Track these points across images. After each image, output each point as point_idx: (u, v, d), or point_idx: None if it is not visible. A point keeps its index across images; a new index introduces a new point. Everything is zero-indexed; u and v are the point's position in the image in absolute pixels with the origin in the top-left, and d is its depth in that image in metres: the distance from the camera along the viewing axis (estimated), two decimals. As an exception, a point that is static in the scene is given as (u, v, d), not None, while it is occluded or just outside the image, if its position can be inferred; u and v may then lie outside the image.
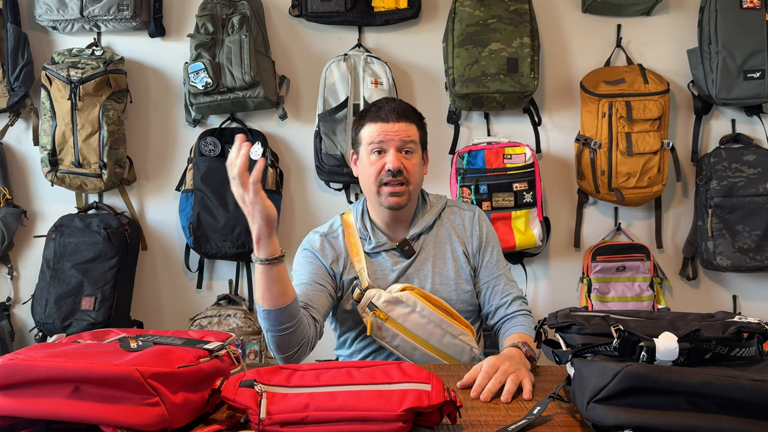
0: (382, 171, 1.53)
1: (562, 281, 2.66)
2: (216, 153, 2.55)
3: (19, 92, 2.55)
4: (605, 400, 0.89)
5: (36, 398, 0.88)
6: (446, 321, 1.48)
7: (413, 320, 1.47)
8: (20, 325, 2.72)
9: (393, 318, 1.47)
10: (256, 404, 0.93)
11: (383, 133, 1.53)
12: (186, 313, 2.66)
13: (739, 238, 2.44)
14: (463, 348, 1.49)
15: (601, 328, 1.01)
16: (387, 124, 1.53)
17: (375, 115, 1.55)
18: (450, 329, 1.48)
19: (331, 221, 1.67)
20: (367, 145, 1.55)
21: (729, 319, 1.03)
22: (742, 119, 2.61)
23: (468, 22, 2.42)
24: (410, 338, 1.47)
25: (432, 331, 1.47)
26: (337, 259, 1.59)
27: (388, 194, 1.53)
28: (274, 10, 2.66)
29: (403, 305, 1.47)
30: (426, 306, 1.47)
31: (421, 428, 0.98)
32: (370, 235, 1.60)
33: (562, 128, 2.64)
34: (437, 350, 1.48)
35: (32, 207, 2.73)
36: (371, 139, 1.54)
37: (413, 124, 1.57)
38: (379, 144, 1.53)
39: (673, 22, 2.62)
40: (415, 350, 1.48)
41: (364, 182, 1.59)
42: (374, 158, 1.54)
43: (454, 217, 1.66)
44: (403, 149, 1.54)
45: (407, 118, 1.55)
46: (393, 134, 1.53)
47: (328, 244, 1.61)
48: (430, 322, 1.47)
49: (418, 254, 1.60)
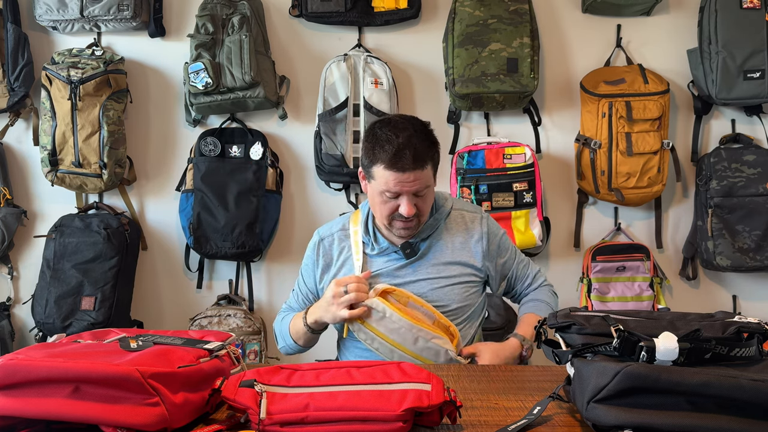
0: (395, 211, 1.54)
1: (562, 281, 2.66)
2: (216, 153, 2.55)
3: (19, 92, 2.55)
4: (605, 400, 0.89)
5: (36, 398, 0.88)
6: (416, 326, 1.49)
7: (385, 325, 1.50)
8: (20, 325, 2.72)
9: (368, 322, 1.51)
10: (256, 404, 0.93)
11: (399, 184, 1.49)
12: (186, 313, 2.66)
13: (739, 238, 2.44)
14: (438, 351, 1.50)
15: (601, 328, 1.01)
16: (404, 174, 1.48)
17: (392, 162, 1.48)
18: (421, 334, 1.49)
19: (339, 221, 1.72)
20: (382, 186, 1.52)
21: (729, 319, 1.03)
22: (742, 119, 2.61)
23: (468, 22, 2.42)
24: (386, 341, 1.50)
25: (405, 336, 1.49)
26: (327, 268, 1.67)
27: (401, 229, 1.57)
28: (274, 10, 2.66)
29: (374, 311, 1.50)
30: (394, 312, 1.48)
31: (421, 428, 0.98)
32: (371, 240, 1.64)
33: (562, 128, 2.64)
34: (412, 353, 1.50)
35: (32, 207, 2.73)
36: (386, 186, 1.51)
37: (429, 166, 1.53)
38: (394, 193, 1.51)
39: (673, 22, 2.62)
40: (392, 352, 1.51)
41: (375, 211, 1.61)
42: (384, 200, 1.54)
43: (460, 220, 1.68)
44: (418, 194, 1.53)
45: (424, 163, 1.50)
46: (409, 185, 1.50)
47: (322, 252, 1.69)
48: (401, 327, 1.49)
49: (419, 256, 1.63)
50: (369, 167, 1.55)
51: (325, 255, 1.67)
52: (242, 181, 2.52)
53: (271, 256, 2.70)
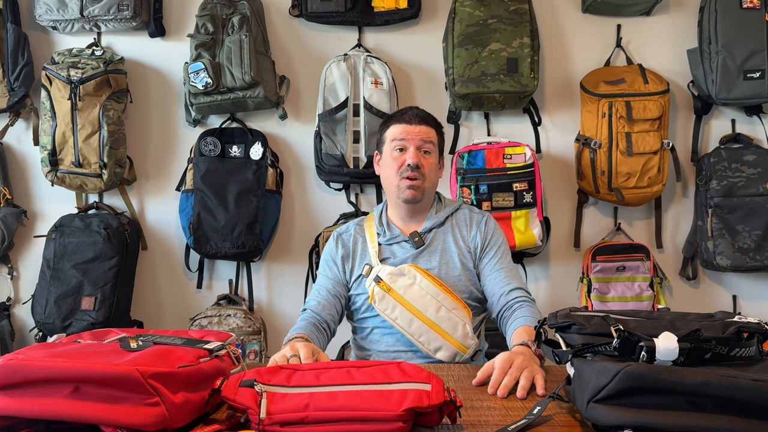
0: (403, 165, 1.71)
1: (562, 281, 2.66)
2: (216, 153, 2.55)
3: (19, 92, 2.55)
4: (605, 400, 0.89)
5: (36, 398, 0.88)
6: (442, 294, 1.63)
7: (413, 292, 1.63)
8: (20, 325, 2.72)
9: (395, 289, 1.63)
10: (256, 404, 0.93)
11: (405, 132, 1.73)
12: (186, 313, 2.66)
13: (739, 238, 2.44)
14: (456, 322, 1.62)
15: (601, 328, 1.01)
16: (410, 125, 1.74)
17: (400, 117, 1.77)
18: (445, 302, 1.62)
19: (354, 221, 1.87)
20: (390, 142, 1.75)
21: (729, 319, 1.03)
22: (742, 119, 2.61)
23: (468, 22, 2.42)
24: (408, 309, 1.62)
25: (428, 304, 1.62)
26: (347, 257, 1.78)
27: (407, 187, 1.71)
28: (274, 10, 2.66)
29: (405, 277, 1.64)
30: (425, 278, 1.64)
31: (421, 428, 0.98)
32: (385, 229, 1.78)
33: (562, 128, 2.64)
34: (432, 323, 1.61)
35: (32, 207, 2.73)
36: (394, 136, 1.74)
37: (433, 129, 1.77)
38: (401, 141, 1.73)
39: (673, 22, 2.62)
40: (412, 321, 1.62)
41: (386, 177, 1.78)
42: (396, 154, 1.73)
43: (465, 218, 1.81)
44: (422, 148, 1.73)
45: (428, 123, 1.76)
46: (414, 134, 1.73)
47: (341, 243, 1.81)
48: (427, 294, 1.62)
49: (428, 245, 1.74)
50: (381, 135, 1.80)
51: (344, 246, 1.80)
52: (242, 181, 2.52)
53: (271, 256, 2.70)
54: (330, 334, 1.68)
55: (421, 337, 1.61)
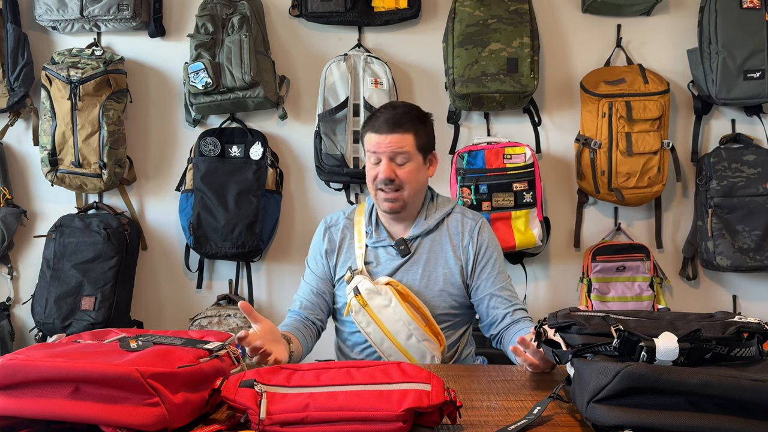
0: (377, 178, 1.62)
1: (562, 281, 2.66)
2: (216, 153, 2.55)
3: (19, 92, 2.55)
4: (605, 400, 0.89)
5: (36, 398, 0.88)
6: (414, 323, 1.57)
7: (387, 314, 1.58)
8: (20, 325, 2.72)
9: (371, 307, 1.59)
10: (256, 404, 0.93)
11: (376, 144, 1.61)
12: (186, 313, 2.66)
13: (739, 238, 2.44)
14: (425, 353, 1.58)
15: (601, 328, 1.01)
16: (380, 135, 1.61)
17: (372, 125, 1.64)
18: (416, 332, 1.57)
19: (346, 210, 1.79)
20: (366, 151, 1.67)
21: (729, 319, 1.03)
22: (742, 119, 2.61)
23: (468, 22, 2.42)
24: (381, 329, 1.59)
25: (400, 329, 1.57)
26: (332, 252, 1.73)
27: (383, 200, 1.64)
28: (274, 10, 2.66)
29: (382, 297, 1.59)
30: (399, 304, 1.57)
31: (421, 428, 0.98)
32: (372, 230, 1.71)
33: (562, 128, 2.64)
34: (402, 348, 1.58)
35: (32, 207, 2.73)
36: (368, 147, 1.65)
37: (408, 133, 1.61)
38: (374, 154, 1.62)
39: (673, 22, 2.62)
40: (383, 341, 1.59)
41: (368, 184, 1.69)
42: (370, 166, 1.65)
43: (456, 225, 1.70)
44: (395, 159, 1.61)
45: (400, 128, 1.60)
46: (385, 146, 1.60)
47: (328, 237, 1.74)
48: (400, 320, 1.57)
49: (413, 255, 1.67)
50: (362, 138, 1.69)
51: (331, 241, 1.74)
52: (242, 181, 2.52)
53: (271, 256, 2.70)
54: (318, 330, 1.69)
55: (391, 357, 1.60)
